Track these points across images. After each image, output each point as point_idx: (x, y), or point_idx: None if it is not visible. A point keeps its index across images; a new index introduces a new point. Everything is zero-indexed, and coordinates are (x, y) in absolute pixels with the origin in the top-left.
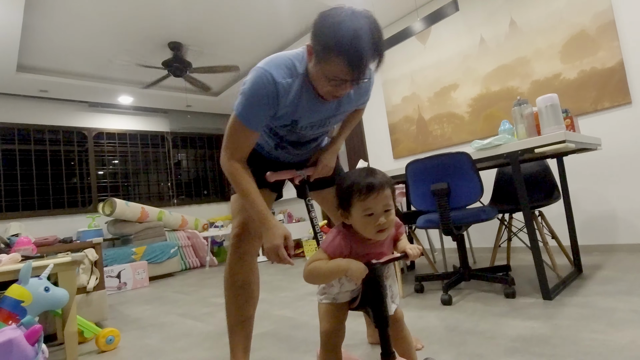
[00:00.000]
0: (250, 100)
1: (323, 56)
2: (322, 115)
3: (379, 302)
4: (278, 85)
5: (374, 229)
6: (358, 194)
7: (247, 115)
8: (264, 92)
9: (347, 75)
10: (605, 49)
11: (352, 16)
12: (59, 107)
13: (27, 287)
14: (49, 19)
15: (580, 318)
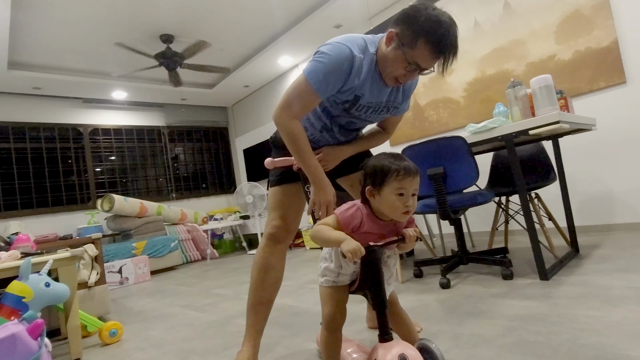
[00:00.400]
0: (327, 67)
1: (411, 40)
2: (381, 98)
3: (376, 285)
4: (355, 58)
5: (401, 209)
6: (396, 174)
7: (320, 79)
8: (342, 61)
9: (425, 63)
10: (600, 28)
11: (444, 14)
12: (53, 104)
13: (27, 283)
14: (37, 14)
15: (577, 296)
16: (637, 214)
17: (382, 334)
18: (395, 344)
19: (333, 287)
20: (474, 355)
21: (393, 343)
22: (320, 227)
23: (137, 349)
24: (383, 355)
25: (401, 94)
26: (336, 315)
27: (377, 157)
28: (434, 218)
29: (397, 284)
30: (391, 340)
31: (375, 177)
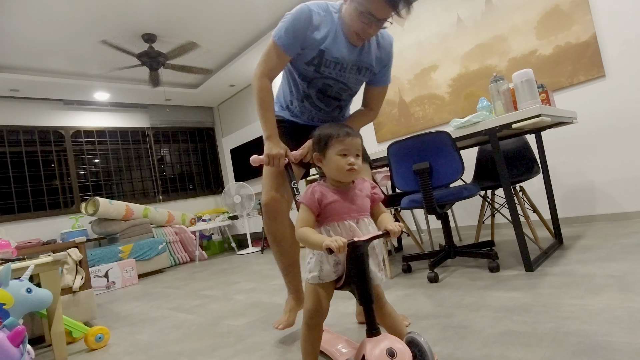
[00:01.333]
0: (288, 23)
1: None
2: (346, 55)
3: (362, 280)
4: (313, 13)
5: (345, 167)
6: (337, 136)
7: (282, 35)
8: (300, 16)
9: (378, 12)
10: (579, 23)
11: None
12: (33, 106)
13: (7, 290)
14: (13, 15)
15: (561, 286)
16: (617, 204)
17: (370, 328)
18: (383, 338)
19: (316, 285)
20: (461, 347)
21: (381, 337)
22: (302, 230)
23: (124, 354)
24: (371, 349)
25: (374, 58)
26: (317, 312)
27: (321, 127)
28: (421, 213)
29: (386, 279)
30: (379, 334)
31: (319, 143)
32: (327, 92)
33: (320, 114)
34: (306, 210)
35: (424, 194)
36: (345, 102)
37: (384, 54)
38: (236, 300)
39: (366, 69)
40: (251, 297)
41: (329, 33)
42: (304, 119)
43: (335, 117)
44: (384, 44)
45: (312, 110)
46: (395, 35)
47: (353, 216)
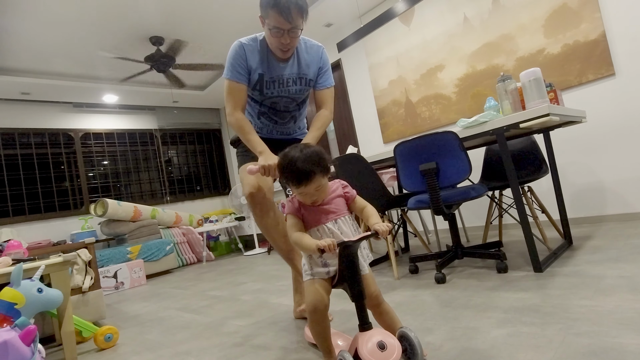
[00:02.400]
0: (229, 59)
1: (265, 14)
2: (280, 72)
3: (353, 278)
4: (244, 45)
5: (308, 202)
6: (292, 183)
7: (232, 73)
8: (236, 51)
9: (282, 24)
10: (588, 21)
11: None
12: (43, 109)
13: (19, 290)
14: (24, 18)
15: (570, 287)
16: (628, 204)
17: (362, 323)
18: (375, 332)
19: (313, 281)
20: (469, 348)
21: (373, 332)
22: (296, 235)
23: (132, 353)
24: (363, 343)
25: (304, 67)
26: (318, 305)
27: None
28: (428, 214)
29: (392, 280)
30: (371, 329)
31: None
32: (277, 107)
33: (277, 126)
34: (293, 217)
35: (430, 195)
36: (296, 113)
37: (314, 61)
38: (243, 301)
39: (301, 78)
40: (258, 298)
41: (261, 58)
42: (264, 133)
43: (291, 127)
44: (312, 52)
45: (269, 125)
46: (400, 36)
47: (330, 218)
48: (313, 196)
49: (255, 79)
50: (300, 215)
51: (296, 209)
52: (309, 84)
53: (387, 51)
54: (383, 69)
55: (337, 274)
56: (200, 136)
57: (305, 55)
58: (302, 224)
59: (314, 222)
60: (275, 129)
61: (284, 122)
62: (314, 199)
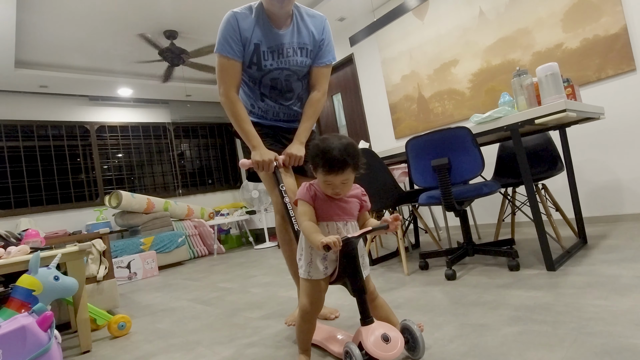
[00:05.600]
0: (221, 34)
1: None
2: (279, 40)
3: (354, 273)
4: (236, 14)
5: (329, 192)
6: (322, 168)
7: (223, 46)
8: (228, 22)
9: None
10: (609, 15)
11: None
12: (60, 102)
13: (37, 277)
14: (42, 13)
15: (584, 286)
16: None
17: (364, 317)
18: (377, 326)
19: (309, 281)
20: (478, 345)
21: (375, 325)
22: (306, 224)
23: (144, 341)
24: (367, 336)
25: (306, 36)
26: (311, 306)
27: (318, 141)
28: (439, 210)
29: (402, 275)
30: (372, 323)
31: (312, 162)
32: (277, 85)
33: (283, 108)
34: (304, 204)
35: (442, 190)
36: (301, 93)
37: (316, 31)
38: (253, 293)
39: (300, 49)
40: (268, 291)
41: (257, 26)
42: (269, 118)
43: (297, 110)
44: (315, 23)
45: (274, 106)
46: (414, 30)
47: (342, 218)
48: (336, 188)
49: (251, 50)
50: (312, 204)
51: (311, 197)
52: (310, 55)
53: (400, 46)
54: (396, 64)
55: (337, 270)
56: (212, 130)
57: (307, 23)
58: (314, 213)
59: (326, 216)
60: (282, 111)
61: (289, 103)
62: (337, 191)
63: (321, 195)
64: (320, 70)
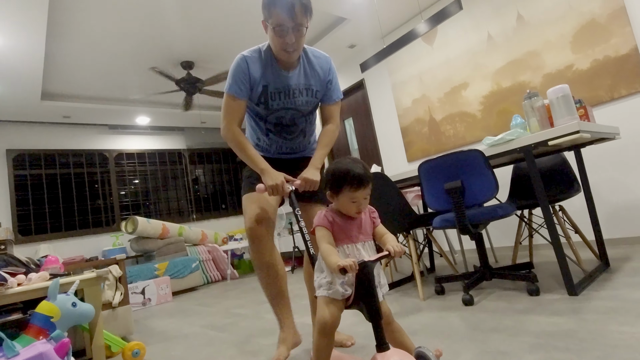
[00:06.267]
0: (232, 73)
1: (267, 14)
2: (287, 82)
3: (370, 297)
4: (247, 58)
5: (354, 211)
6: (350, 186)
7: (231, 86)
8: (239, 65)
9: (285, 21)
10: (618, 36)
11: None
12: (82, 131)
13: (55, 303)
14: (68, 47)
15: (608, 311)
16: None
17: (379, 344)
18: (393, 352)
19: (329, 298)
20: None
21: (391, 352)
22: (325, 247)
23: None
24: None
25: (311, 78)
26: (328, 322)
27: (334, 166)
28: (454, 233)
29: (418, 301)
30: (388, 349)
31: (333, 184)
32: (283, 122)
33: (287, 142)
34: (322, 229)
35: (456, 213)
36: (305, 127)
37: (322, 72)
38: (266, 319)
39: (307, 89)
40: None
41: (265, 68)
42: (272, 151)
43: (301, 143)
44: (321, 64)
45: (278, 140)
46: (423, 55)
47: (360, 239)
48: (360, 204)
49: (259, 92)
50: (330, 230)
51: (329, 223)
52: (316, 95)
53: (410, 70)
54: (406, 88)
55: (353, 294)
56: (226, 155)
57: (313, 65)
58: (332, 236)
59: (346, 239)
60: (285, 145)
61: (293, 137)
62: (361, 207)
63: (338, 220)
64: (330, 107)
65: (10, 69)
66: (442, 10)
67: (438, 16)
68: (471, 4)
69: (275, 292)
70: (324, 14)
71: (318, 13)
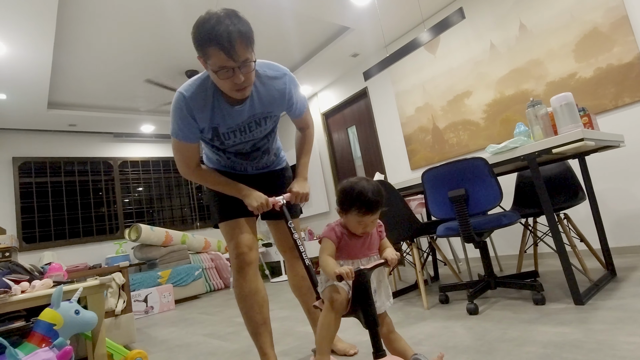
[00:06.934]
0: (174, 119)
1: (203, 54)
2: (238, 119)
3: (366, 305)
4: (187, 100)
5: (361, 231)
6: (357, 211)
7: (177, 132)
8: (179, 107)
9: (228, 62)
10: (621, 44)
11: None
12: (87, 139)
13: (58, 311)
14: (75, 57)
15: (616, 321)
16: None
17: (376, 350)
18: (389, 359)
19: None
20: None
21: (387, 359)
22: (325, 257)
23: None
24: None
25: (267, 104)
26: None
27: (348, 186)
28: (458, 241)
29: (422, 310)
30: (385, 356)
31: (342, 205)
32: (242, 151)
33: (251, 163)
34: (328, 242)
35: (460, 222)
36: (268, 146)
37: (279, 95)
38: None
39: (264, 118)
40: (284, 325)
41: (212, 109)
42: (238, 170)
43: (266, 159)
44: (276, 85)
45: (242, 162)
46: (426, 64)
47: (365, 254)
48: (367, 226)
49: (210, 133)
50: (337, 244)
51: (337, 238)
52: (276, 119)
53: (413, 79)
54: (409, 96)
55: (350, 302)
56: None
57: (268, 88)
58: (335, 249)
59: (352, 254)
60: (250, 165)
61: (258, 158)
62: (367, 229)
63: (346, 236)
64: (300, 120)
65: (17, 78)
66: (445, 19)
67: (441, 25)
68: (473, 14)
69: (261, 321)
70: (327, 24)
71: (321, 23)
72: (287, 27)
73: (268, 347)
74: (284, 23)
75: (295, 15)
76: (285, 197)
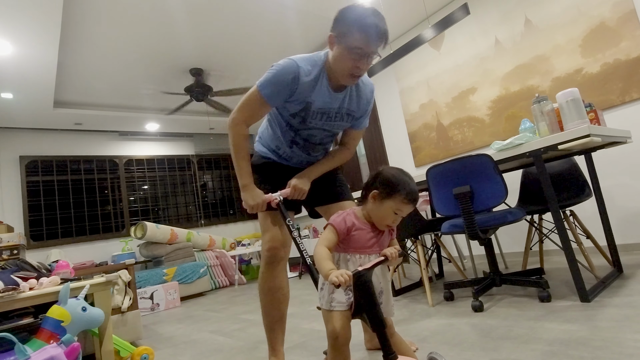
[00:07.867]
0: (275, 78)
1: (347, 32)
2: (332, 104)
3: (371, 306)
4: (300, 70)
5: (388, 222)
6: (404, 197)
7: (268, 89)
8: (287, 72)
9: (367, 46)
10: (629, 39)
11: (367, 8)
12: (93, 138)
13: (66, 308)
14: (80, 56)
15: (623, 319)
16: None
17: (386, 353)
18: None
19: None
20: None
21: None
22: (320, 249)
23: None
24: None
25: (355, 104)
26: (339, 333)
27: (395, 171)
28: (463, 238)
29: (427, 307)
30: (396, 358)
31: (385, 187)
32: (312, 140)
33: (309, 157)
34: (332, 232)
35: (465, 219)
36: (328, 146)
37: (364, 101)
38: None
39: (348, 115)
40: (289, 323)
41: (316, 84)
42: (293, 162)
43: (319, 157)
44: (365, 91)
45: (301, 155)
46: (431, 60)
47: (375, 250)
48: (396, 220)
49: (299, 107)
50: (342, 235)
51: (347, 228)
52: (353, 121)
53: (418, 75)
54: (414, 93)
55: (354, 305)
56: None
57: (360, 91)
58: (336, 242)
59: (361, 248)
60: (307, 160)
61: (317, 154)
62: (395, 223)
63: (358, 227)
64: (356, 133)
65: (24, 78)
66: (449, 15)
67: (445, 21)
68: (478, 9)
69: (277, 317)
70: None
71: (326, 19)
72: (291, 24)
73: (279, 344)
74: (287, 20)
75: (298, 11)
76: (283, 193)
